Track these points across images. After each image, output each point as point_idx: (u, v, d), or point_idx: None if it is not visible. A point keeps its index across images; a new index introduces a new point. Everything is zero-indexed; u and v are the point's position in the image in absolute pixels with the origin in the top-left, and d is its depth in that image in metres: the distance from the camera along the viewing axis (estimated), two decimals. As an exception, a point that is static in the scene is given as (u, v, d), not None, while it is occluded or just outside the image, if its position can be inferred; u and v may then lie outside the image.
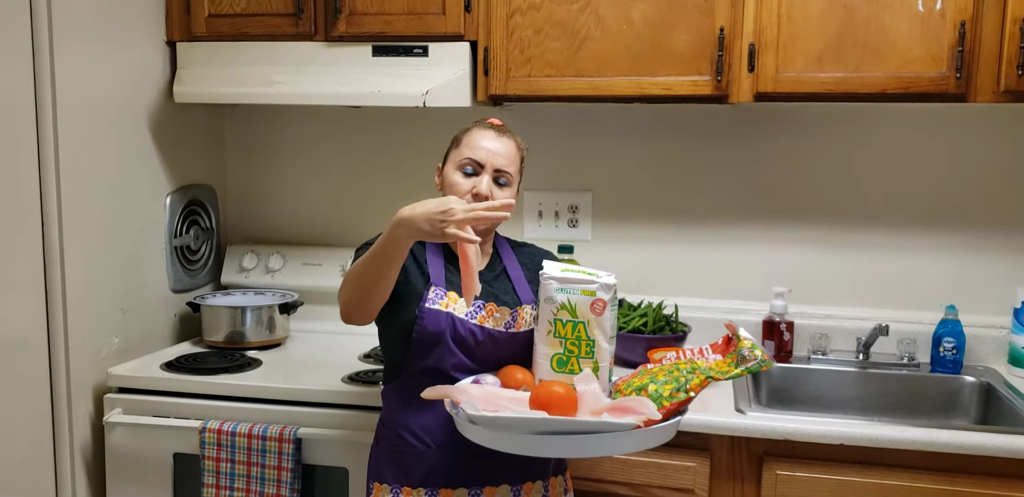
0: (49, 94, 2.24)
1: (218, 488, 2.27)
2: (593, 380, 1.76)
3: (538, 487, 1.93)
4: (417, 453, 1.87)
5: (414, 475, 1.87)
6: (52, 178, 2.26)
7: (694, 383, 1.70)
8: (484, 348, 1.88)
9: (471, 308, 1.88)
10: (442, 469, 1.85)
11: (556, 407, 1.66)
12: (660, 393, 1.70)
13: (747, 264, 2.71)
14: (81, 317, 2.36)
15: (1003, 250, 2.56)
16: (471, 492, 1.87)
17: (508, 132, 1.96)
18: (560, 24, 2.36)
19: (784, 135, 2.65)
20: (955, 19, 2.17)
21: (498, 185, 1.91)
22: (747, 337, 1.73)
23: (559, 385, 1.72)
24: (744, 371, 1.68)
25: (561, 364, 1.84)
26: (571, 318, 1.82)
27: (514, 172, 1.93)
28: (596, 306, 1.81)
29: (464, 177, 1.90)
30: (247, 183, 3.02)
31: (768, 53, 2.27)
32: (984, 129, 2.54)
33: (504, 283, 1.96)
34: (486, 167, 1.89)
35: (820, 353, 2.57)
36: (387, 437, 1.93)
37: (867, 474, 2.04)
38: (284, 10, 2.50)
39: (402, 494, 1.88)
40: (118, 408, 2.37)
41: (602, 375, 1.82)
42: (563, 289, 1.82)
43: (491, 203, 1.71)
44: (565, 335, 1.83)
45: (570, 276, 1.83)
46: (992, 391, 2.37)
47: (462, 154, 1.91)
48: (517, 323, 1.91)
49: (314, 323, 2.87)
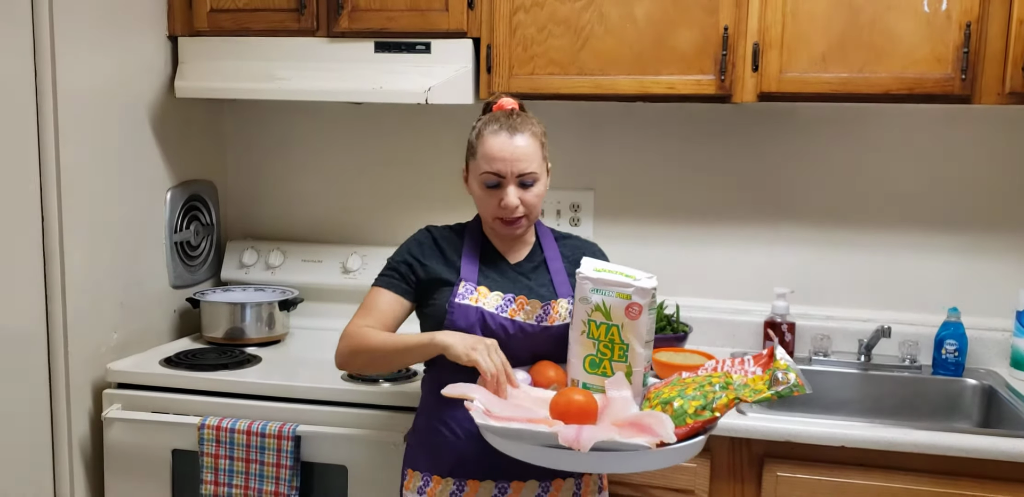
0: (50, 88, 2.23)
1: (216, 485, 2.27)
2: (625, 385, 1.73)
3: (569, 485, 1.92)
4: (447, 443, 1.89)
5: (444, 464, 1.90)
6: (52, 172, 2.25)
7: (721, 403, 1.61)
8: (516, 342, 1.87)
9: (501, 302, 1.89)
10: (471, 460, 1.86)
11: (574, 417, 1.63)
12: (684, 409, 1.62)
13: (749, 264, 2.70)
14: (80, 312, 2.35)
15: (1006, 252, 2.56)
16: (498, 485, 1.88)
17: (522, 121, 1.88)
18: (563, 22, 2.36)
19: (787, 135, 2.65)
20: (960, 20, 2.16)
21: (524, 187, 1.86)
22: (784, 358, 1.65)
23: (580, 393, 1.67)
24: (774, 395, 1.59)
25: (594, 366, 1.79)
26: (605, 320, 1.76)
27: (538, 167, 1.87)
28: (632, 310, 1.74)
29: (489, 190, 1.87)
30: (248, 179, 3.01)
31: (772, 53, 2.26)
32: (989, 131, 2.53)
33: (542, 275, 1.95)
34: (508, 177, 1.85)
35: (822, 354, 2.56)
36: (421, 426, 1.96)
37: (868, 476, 2.03)
38: (286, 6, 2.50)
39: (432, 482, 1.90)
40: (117, 404, 2.36)
41: (635, 380, 1.76)
42: (598, 290, 1.76)
43: (502, 380, 1.73)
44: (599, 337, 1.78)
45: (606, 277, 1.76)
46: (994, 394, 2.37)
47: (480, 168, 1.87)
48: (550, 317, 1.90)
49: (314, 320, 2.86)
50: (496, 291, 1.89)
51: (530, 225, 1.95)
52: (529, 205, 1.87)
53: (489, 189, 1.87)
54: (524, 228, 1.92)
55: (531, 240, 2.00)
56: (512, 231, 1.91)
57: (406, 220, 2.86)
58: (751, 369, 1.68)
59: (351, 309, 2.83)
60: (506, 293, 1.89)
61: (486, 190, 1.87)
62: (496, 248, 1.97)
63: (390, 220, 2.89)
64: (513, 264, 1.96)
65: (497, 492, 1.88)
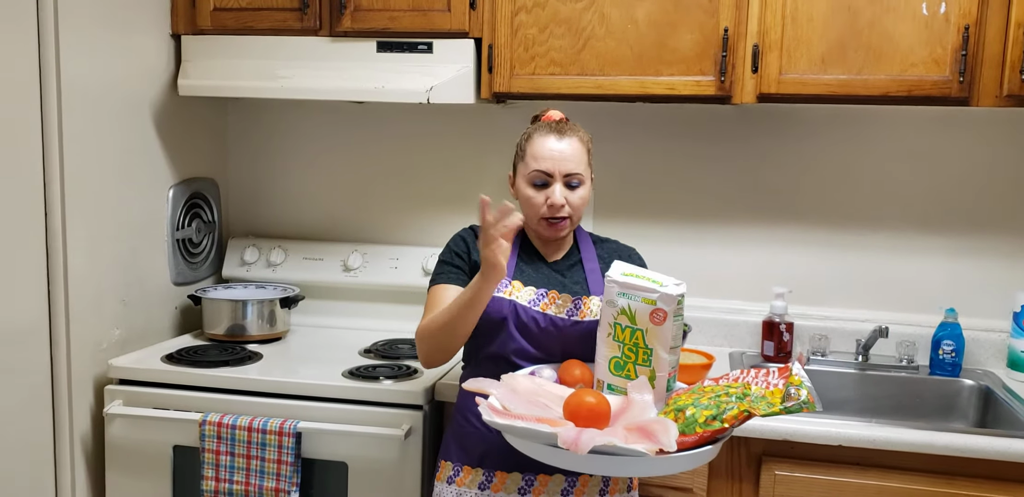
0: (54, 86, 2.24)
1: (217, 481, 2.28)
2: (647, 389, 1.73)
3: (596, 480, 1.94)
4: (477, 434, 1.93)
5: (474, 455, 1.94)
6: (56, 169, 2.26)
7: (731, 414, 1.60)
8: (548, 336, 1.90)
9: (534, 296, 1.91)
10: (498, 452, 1.88)
11: (584, 419, 1.63)
12: (695, 418, 1.61)
13: (748, 264, 2.72)
14: (83, 309, 2.36)
15: (1004, 254, 2.57)
16: (525, 477, 1.91)
17: (570, 128, 1.94)
18: (565, 22, 2.37)
19: (786, 136, 2.66)
20: (959, 23, 2.17)
21: (570, 188, 1.90)
22: (799, 374, 1.63)
23: (592, 395, 1.67)
24: (783, 410, 1.58)
25: (618, 368, 1.80)
26: (630, 324, 1.77)
27: (584, 170, 1.92)
28: (656, 316, 1.74)
29: (536, 190, 1.91)
30: (249, 177, 3.02)
31: (772, 54, 2.27)
32: (986, 133, 2.54)
33: (577, 273, 1.99)
34: (555, 176, 1.89)
35: (819, 354, 2.58)
36: (456, 417, 2.01)
37: (865, 475, 2.05)
38: (289, 5, 2.51)
39: (462, 472, 1.95)
40: (118, 400, 2.37)
41: (659, 385, 1.76)
42: (624, 294, 1.77)
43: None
44: (624, 340, 1.78)
45: (632, 282, 1.77)
46: (991, 394, 2.38)
47: (529, 167, 1.91)
48: (581, 312, 1.92)
49: (315, 317, 2.88)
50: (530, 286, 1.93)
51: (573, 228, 1.97)
52: (574, 206, 1.91)
53: (537, 188, 1.91)
54: (567, 231, 1.95)
55: (570, 242, 2.03)
56: (556, 233, 1.94)
57: (408, 218, 2.88)
58: (774, 381, 1.66)
59: (352, 306, 2.88)
60: (539, 288, 1.93)
61: (534, 189, 1.91)
62: (535, 247, 2.01)
63: (391, 218, 2.90)
64: (550, 262, 1.99)
65: (524, 484, 1.91)
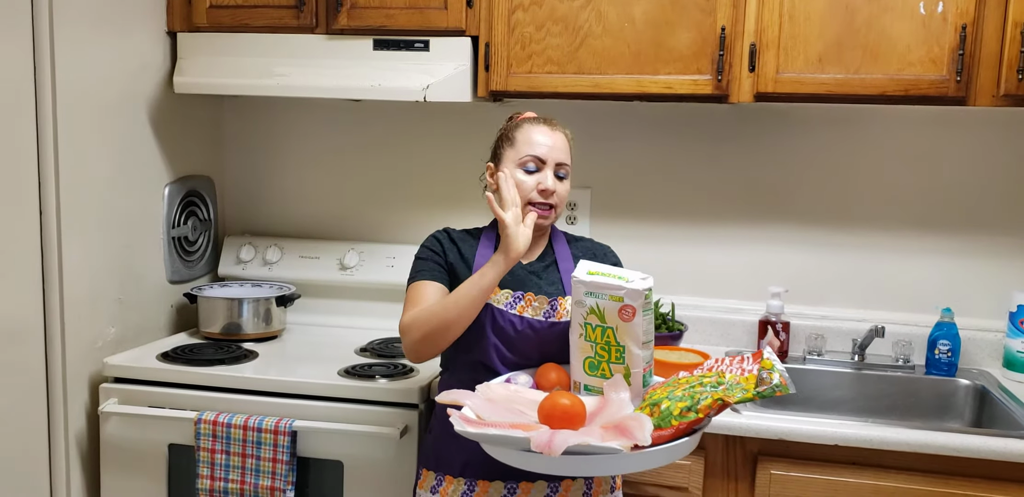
0: (49, 83, 2.24)
1: (212, 479, 2.27)
2: (623, 387, 1.73)
3: (579, 485, 1.93)
4: (457, 444, 1.88)
5: (455, 465, 1.92)
6: (51, 167, 2.26)
7: (705, 404, 1.59)
8: (526, 339, 1.89)
9: (510, 299, 1.90)
10: (479, 461, 1.85)
11: (559, 421, 1.62)
12: (670, 411, 1.60)
13: (744, 264, 2.72)
14: (78, 307, 2.35)
15: (1000, 254, 2.57)
16: (507, 486, 1.90)
17: (558, 124, 2.00)
18: (562, 21, 2.36)
19: (783, 136, 2.66)
20: (956, 22, 2.17)
21: (558, 178, 1.93)
22: (769, 357, 1.63)
23: (567, 397, 1.66)
24: (756, 396, 1.57)
25: (593, 368, 1.80)
26: (600, 323, 1.77)
27: (570, 163, 1.97)
28: (625, 312, 1.74)
29: (527, 175, 1.91)
30: (246, 175, 3.01)
31: (769, 53, 2.27)
32: (983, 133, 2.54)
33: (552, 274, 1.98)
34: (547, 162, 1.92)
35: (816, 354, 2.58)
36: (436, 426, 1.98)
37: (861, 475, 2.05)
38: (285, 2, 2.50)
39: (444, 482, 1.93)
40: (113, 398, 2.37)
41: (634, 381, 1.76)
42: (591, 293, 1.76)
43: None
44: (595, 339, 1.78)
45: (598, 280, 1.76)
46: (986, 394, 2.38)
47: (521, 152, 1.92)
48: (557, 313, 1.92)
49: (311, 316, 2.87)
50: (506, 289, 1.91)
51: (555, 219, 1.98)
52: (559, 197, 1.93)
53: (528, 173, 1.91)
54: (551, 220, 1.96)
55: (544, 243, 2.02)
56: (541, 221, 1.92)
57: (403, 217, 2.88)
58: (748, 367, 1.65)
59: (348, 305, 2.88)
60: (516, 291, 1.91)
61: (525, 174, 1.91)
62: None
63: (388, 217, 2.90)
64: (524, 264, 1.98)
65: (507, 492, 1.90)
